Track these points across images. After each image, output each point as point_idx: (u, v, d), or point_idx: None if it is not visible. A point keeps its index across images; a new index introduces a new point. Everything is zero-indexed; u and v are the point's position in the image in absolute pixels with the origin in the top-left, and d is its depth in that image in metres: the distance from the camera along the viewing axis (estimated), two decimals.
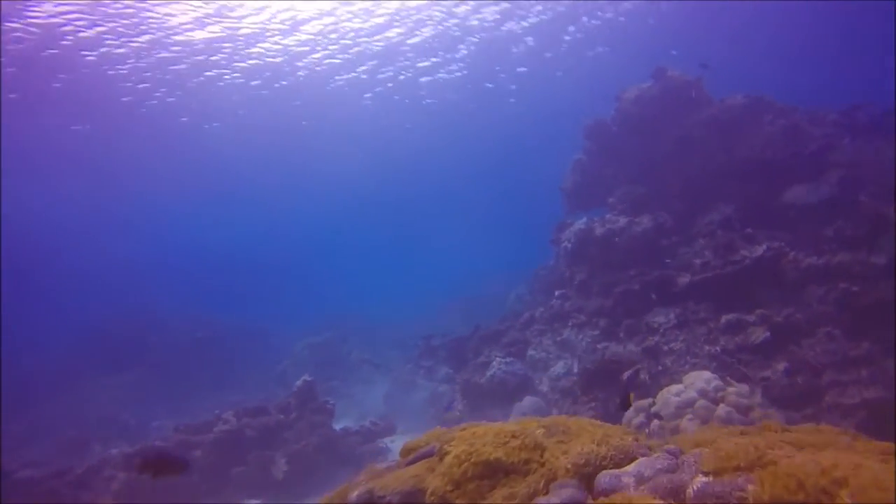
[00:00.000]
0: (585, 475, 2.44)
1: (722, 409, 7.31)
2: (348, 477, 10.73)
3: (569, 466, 2.46)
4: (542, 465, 2.53)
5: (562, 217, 16.21)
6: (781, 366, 8.68)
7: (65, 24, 16.54)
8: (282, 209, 50.39)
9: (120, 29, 17.77)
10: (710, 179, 13.31)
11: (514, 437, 2.63)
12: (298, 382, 13.99)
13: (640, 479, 2.25)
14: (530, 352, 13.81)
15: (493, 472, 2.51)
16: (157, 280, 40.74)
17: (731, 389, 7.68)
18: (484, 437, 2.67)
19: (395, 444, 13.34)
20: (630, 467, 2.38)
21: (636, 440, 2.87)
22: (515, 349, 14.27)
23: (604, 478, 2.37)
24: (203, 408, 16.67)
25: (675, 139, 13.96)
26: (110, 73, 20.44)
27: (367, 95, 28.71)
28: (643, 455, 2.55)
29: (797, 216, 11.77)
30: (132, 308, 26.78)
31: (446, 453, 2.75)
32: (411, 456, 3.31)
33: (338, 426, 13.91)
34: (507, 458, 2.52)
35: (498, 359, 13.60)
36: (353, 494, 3.12)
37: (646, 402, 8.58)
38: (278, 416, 13.20)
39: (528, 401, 11.65)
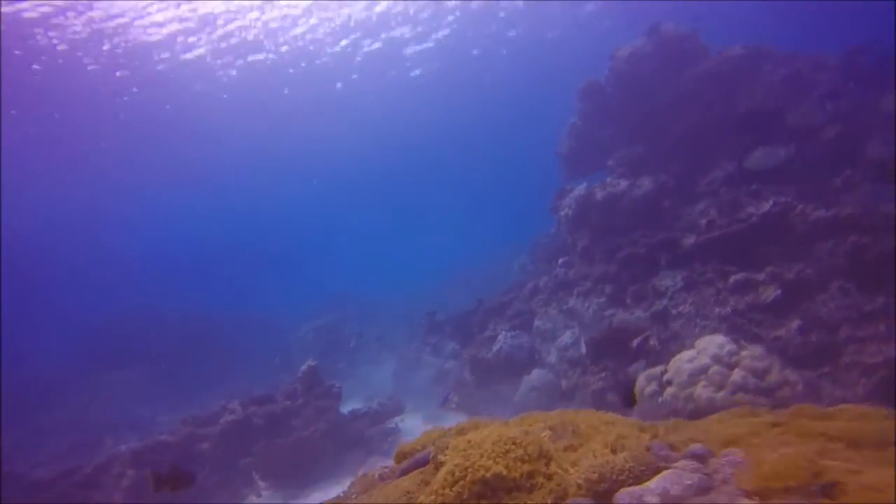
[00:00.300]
0: (601, 492, 2.11)
1: (737, 375, 7.05)
2: (358, 460, 10.57)
3: (580, 482, 2.13)
4: (549, 478, 2.22)
5: (560, 183, 15.82)
6: (794, 324, 8.39)
7: (28, 10, 15.89)
8: (276, 194, 49.81)
9: (90, 14, 17.12)
10: (710, 135, 12.87)
11: (515, 444, 2.31)
12: (303, 368, 13.81)
13: (667, 498, 1.93)
14: (536, 322, 13.57)
15: (493, 491, 2.19)
16: (156, 274, 40.55)
17: (745, 353, 7.41)
18: (481, 445, 2.35)
19: (405, 423, 13.21)
20: (653, 483, 2.05)
21: (655, 436, 2.56)
22: (521, 321, 14.05)
23: (623, 498, 2.05)
24: (210, 399, 16.56)
25: (673, 96, 13.48)
26: (85, 61, 19.82)
27: (353, 68, 27.96)
28: (664, 458, 2.24)
29: (803, 169, 11.37)
30: (133, 304, 26.61)
31: (441, 464, 2.45)
32: (405, 463, 3.04)
33: (345, 409, 13.76)
34: (507, 473, 2.20)
35: (504, 332, 13.39)
36: None
37: (657, 369, 8.34)
38: (285, 402, 13.04)
39: (536, 374, 11.44)
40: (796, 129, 11.83)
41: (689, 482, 1.96)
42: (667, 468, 2.11)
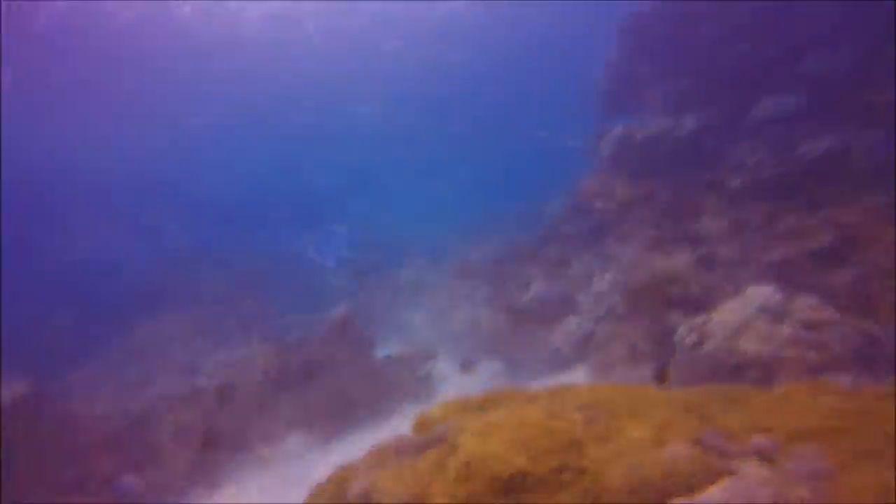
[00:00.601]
0: (643, 502, 1.80)
1: (787, 327, 6.65)
2: (391, 406, 10.67)
3: (619, 485, 1.83)
4: (582, 473, 1.93)
5: (597, 123, 15.08)
6: (851, 272, 7.86)
7: None
8: (309, 136, 49.39)
9: None
10: (762, 69, 11.89)
11: (541, 430, 2.03)
12: (338, 312, 13.88)
13: None
14: (572, 268, 13.23)
15: (513, 488, 1.91)
16: (199, 217, 41.05)
17: (796, 303, 6.98)
18: (502, 430, 2.08)
19: (438, 369, 13.23)
20: (710, 496, 1.71)
21: (704, 418, 2.24)
22: (556, 266, 13.72)
23: None
24: (248, 341, 16.89)
25: (721, 28, 12.42)
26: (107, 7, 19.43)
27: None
28: (720, 453, 1.92)
29: (867, 105, 10.44)
30: (175, 246, 27.09)
31: (458, 447, 2.21)
32: (423, 437, 2.85)
33: (379, 353, 13.84)
34: (531, 467, 1.91)
35: (539, 278, 13.13)
36: (352, 491, 2.70)
37: (699, 319, 7.99)
38: (319, 347, 13.18)
39: (570, 321, 11.21)
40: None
41: (760, 496, 1.63)
42: (726, 470, 1.82)
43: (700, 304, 8.70)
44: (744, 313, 7.19)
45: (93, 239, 40.72)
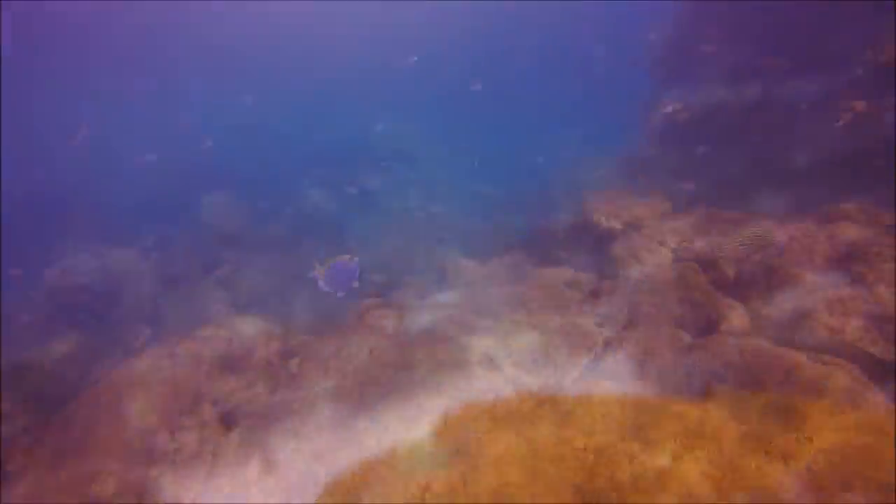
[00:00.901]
0: None
1: (853, 323, 5.99)
2: (422, 381, 10.38)
3: None
4: None
5: (650, 91, 14.21)
6: None
7: None
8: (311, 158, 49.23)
9: None
10: (840, 32, 10.80)
11: (572, 466, 1.61)
12: (372, 278, 13.74)
13: None
14: (613, 245, 12.59)
15: None
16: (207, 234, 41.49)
17: (864, 294, 6.30)
18: (528, 462, 1.68)
19: (473, 343, 12.89)
20: None
21: (775, 461, 1.78)
22: (598, 242, 13.12)
23: None
24: (288, 312, 16.94)
25: None
26: None
27: None
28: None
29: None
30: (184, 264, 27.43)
31: (476, 471, 1.84)
32: (441, 447, 2.51)
33: (413, 323, 13.60)
34: None
35: (579, 254, 12.59)
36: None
37: (750, 307, 7.39)
38: (350, 318, 13.06)
39: (607, 301, 10.65)
40: None
41: None
42: None
43: (752, 291, 8.04)
44: (803, 303, 6.56)
45: (94, 259, 41.60)
